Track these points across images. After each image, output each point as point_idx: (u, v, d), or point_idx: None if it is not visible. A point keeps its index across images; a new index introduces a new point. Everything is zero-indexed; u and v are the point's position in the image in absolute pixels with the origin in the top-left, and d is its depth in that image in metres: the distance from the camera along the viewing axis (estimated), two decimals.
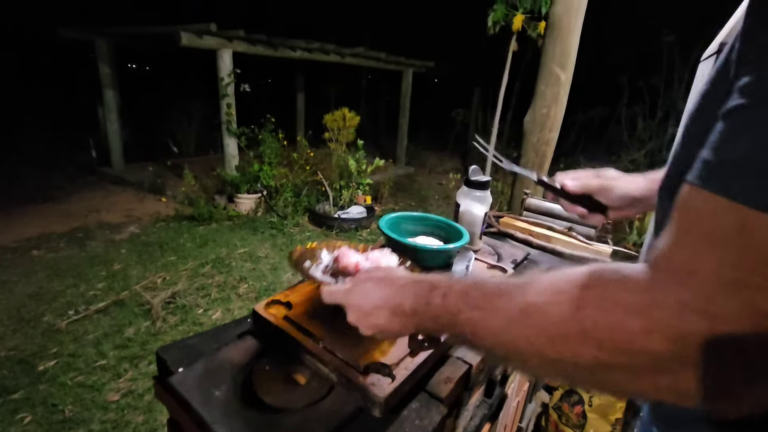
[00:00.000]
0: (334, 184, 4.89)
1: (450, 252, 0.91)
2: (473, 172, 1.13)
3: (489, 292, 0.42)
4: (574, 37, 1.82)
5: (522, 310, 0.37)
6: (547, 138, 1.94)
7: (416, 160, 8.22)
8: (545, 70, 1.87)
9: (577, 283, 0.35)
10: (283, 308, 0.70)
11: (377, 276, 0.53)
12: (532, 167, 2.04)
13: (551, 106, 1.88)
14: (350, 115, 5.23)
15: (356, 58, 6.57)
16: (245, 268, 3.56)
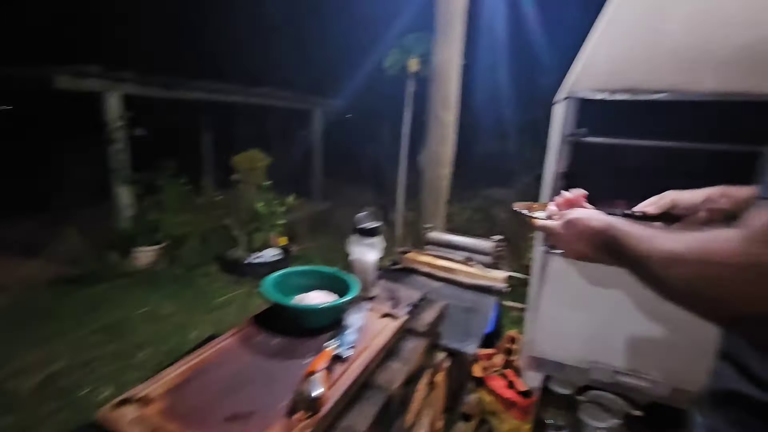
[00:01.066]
0: (246, 228, 4.66)
1: (338, 307, 0.89)
2: (361, 219, 1.14)
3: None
4: (454, 83, 1.98)
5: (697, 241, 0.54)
6: (441, 174, 2.05)
7: (333, 194, 8.23)
8: (432, 113, 2.00)
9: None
10: (137, 406, 0.61)
11: (581, 217, 0.73)
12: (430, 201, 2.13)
13: (440, 145, 2.00)
14: (259, 155, 5.10)
15: (263, 98, 6.51)
16: (145, 332, 3.18)
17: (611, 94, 1.36)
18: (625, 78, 1.35)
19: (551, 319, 1.64)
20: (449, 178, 2.13)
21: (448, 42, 1.97)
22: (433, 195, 2.12)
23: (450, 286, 1.82)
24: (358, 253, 1.13)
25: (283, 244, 4.87)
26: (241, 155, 4.99)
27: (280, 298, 0.87)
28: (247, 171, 4.97)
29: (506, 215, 5.55)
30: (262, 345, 0.82)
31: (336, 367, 0.76)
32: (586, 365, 1.59)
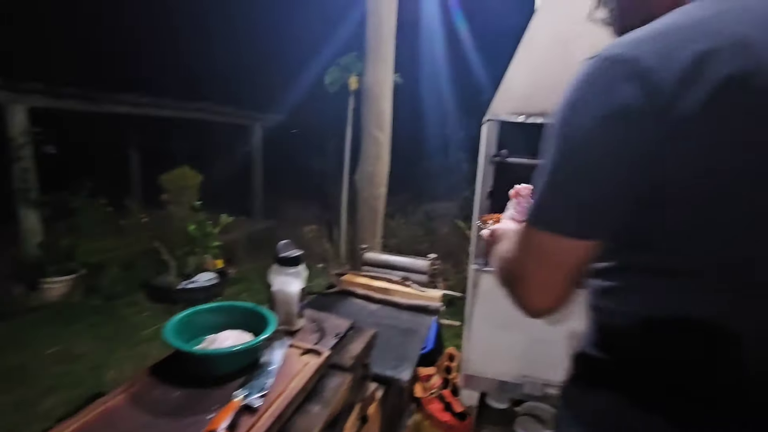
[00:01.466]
0: (177, 252, 4.35)
1: (251, 348, 0.82)
2: (283, 248, 1.08)
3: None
4: (386, 102, 1.99)
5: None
6: (377, 193, 2.04)
7: (275, 212, 7.98)
8: (365, 132, 1.99)
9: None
10: None
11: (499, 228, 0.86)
12: (366, 221, 2.11)
13: (375, 164, 1.99)
14: (191, 173, 4.82)
15: (199, 112, 6.20)
16: (54, 374, 2.81)
17: (527, 118, 1.43)
18: (539, 102, 1.42)
19: (484, 337, 1.66)
20: (385, 197, 2.13)
21: (379, 62, 1.98)
22: (369, 214, 2.10)
23: (387, 307, 1.80)
24: (279, 283, 1.06)
25: (219, 266, 4.60)
26: (171, 173, 4.69)
27: (181, 344, 0.78)
28: (178, 190, 4.67)
29: (448, 229, 5.70)
30: (160, 401, 0.72)
31: (244, 420, 0.69)
32: (519, 380, 1.62)
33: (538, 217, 0.57)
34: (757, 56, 0.46)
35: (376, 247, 2.18)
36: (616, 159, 0.51)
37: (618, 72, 0.49)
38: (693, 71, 0.46)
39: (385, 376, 1.28)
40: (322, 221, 7.25)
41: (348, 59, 5.07)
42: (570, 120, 0.53)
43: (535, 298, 0.59)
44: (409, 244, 5.78)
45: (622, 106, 0.48)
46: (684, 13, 0.53)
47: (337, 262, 5.54)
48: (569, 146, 0.53)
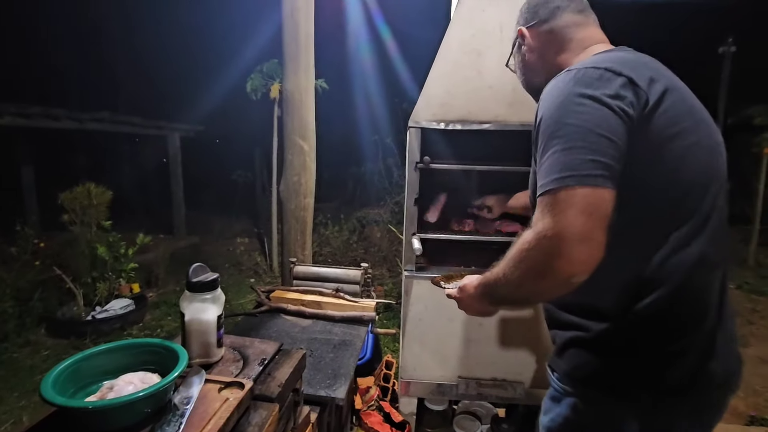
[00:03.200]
0: (84, 278, 3.87)
1: (154, 394, 0.72)
2: (196, 272, 0.98)
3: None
4: (309, 110, 1.93)
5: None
6: (304, 204, 1.97)
7: (200, 227, 7.47)
8: (289, 141, 1.92)
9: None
10: None
11: (467, 283, 0.95)
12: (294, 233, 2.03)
13: (301, 173, 1.93)
14: (97, 190, 4.32)
15: (102, 123, 5.61)
16: None
17: (447, 125, 1.47)
18: (457, 110, 1.47)
19: (419, 342, 1.66)
20: (313, 207, 2.06)
21: (299, 70, 1.92)
22: (297, 226, 2.02)
23: (320, 321, 1.73)
24: (193, 311, 0.96)
25: (135, 291, 4.18)
26: (73, 191, 4.17)
27: (64, 400, 0.66)
28: (83, 209, 4.16)
29: (381, 234, 5.74)
30: None
31: None
32: (454, 381, 1.65)
33: (578, 178, 0.67)
34: (666, 79, 0.79)
35: (306, 259, 2.11)
36: (621, 124, 0.71)
37: (611, 75, 0.74)
38: (650, 83, 0.75)
39: (319, 396, 1.22)
40: (253, 234, 6.93)
41: (270, 66, 4.91)
42: (581, 101, 0.71)
43: (584, 253, 0.66)
44: (343, 252, 5.72)
45: (618, 93, 0.72)
46: (617, 54, 0.85)
47: (271, 275, 5.32)
48: (589, 117, 0.70)
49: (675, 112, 0.75)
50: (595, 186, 0.67)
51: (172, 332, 3.74)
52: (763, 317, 3.95)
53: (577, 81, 0.74)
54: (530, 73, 1.02)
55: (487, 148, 1.57)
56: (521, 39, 1.01)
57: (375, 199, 6.53)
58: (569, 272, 0.67)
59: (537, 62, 1.00)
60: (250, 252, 5.92)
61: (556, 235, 0.66)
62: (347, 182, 7.78)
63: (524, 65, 1.03)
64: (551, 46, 0.97)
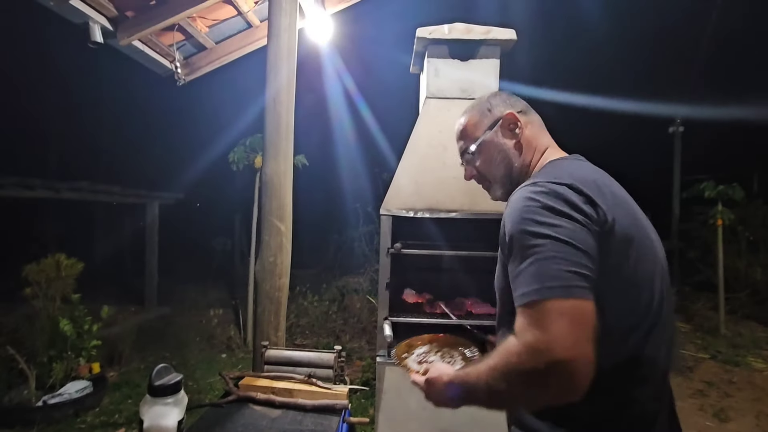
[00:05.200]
0: (40, 358, 3.61)
1: None
2: (159, 374, 0.96)
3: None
4: (287, 193, 2.02)
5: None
6: (279, 284, 1.98)
7: (172, 297, 7.19)
8: (266, 222, 1.97)
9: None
10: None
11: (436, 377, 0.90)
12: (268, 314, 2.01)
13: (277, 254, 1.96)
14: (68, 261, 4.20)
15: (79, 192, 5.59)
16: None
17: (416, 213, 1.56)
18: (425, 199, 1.57)
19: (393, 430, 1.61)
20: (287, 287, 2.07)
21: (279, 156, 2.04)
22: (271, 307, 2.01)
23: (290, 412, 1.66)
24: (153, 417, 0.93)
25: (95, 371, 3.89)
26: (40, 263, 4.03)
27: None
28: (48, 281, 4.00)
29: (361, 304, 5.66)
30: None
31: None
32: None
33: (565, 289, 0.68)
34: (613, 193, 0.84)
35: (279, 341, 2.07)
36: (591, 238, 0.74)
37: (573, 193, 0.78)
38: (604, 200, 0.79)
39: None
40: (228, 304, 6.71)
41: (254, 140, 5.12)
42: (553, 216, 0.75)
43: (580, 368, 0.65)
44: (321, 323, 5.57)
45: (583, 210, 0.76)
46: (571, 165, 0.92)
47: (244, 350, 5.08)
48: (563, 230, 0.73)
49: (625, 223, 0.79)
50: (582, 298, 0.68)
51: (131, 418, 3.45)
52: (741, 389, 3.94)
53: (545, 195, 0.77)
54: (514, 159, 1.00)
55: (456, 232, 1.66)
56: (512, 124, 1.00)
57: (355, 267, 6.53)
58: (567, 388, 0.66)
59: (522, 149, 1.00)
60: (223, 324, 5.69)
61: (549, 349, 0.65)
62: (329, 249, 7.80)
63: (509, 151, 1.00)
64: (529, 140, 1.00)
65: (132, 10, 2.52)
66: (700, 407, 3.59)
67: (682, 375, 4.22)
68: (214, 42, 3.10)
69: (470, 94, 1.83)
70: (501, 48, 1.92)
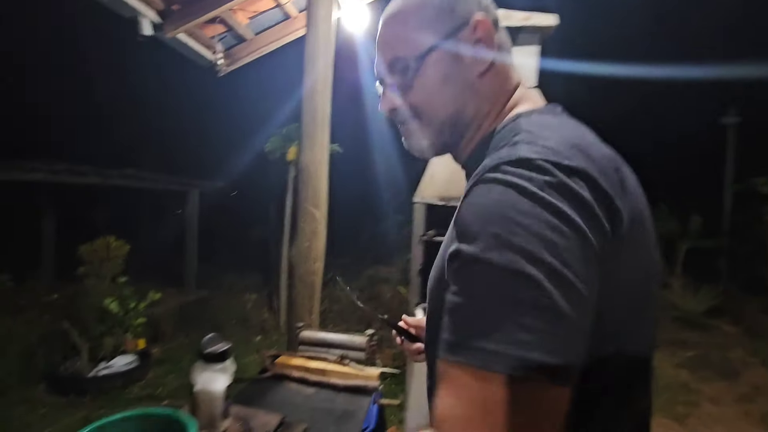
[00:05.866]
0: (91, 332, 3.90)
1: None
2: (209, 342, 1.03)
3: None
4: (323, 181, 2.07)
5: None
6: (313, 269, 2.04)
7: (211, 281, 7.52)
8: (301, 209, 2.03)
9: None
10: None
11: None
12: (302, 297, 2.08)
13: (311, 240, 2.01)
14: (117, 243, 4.48)
15: (127, 179, 5.92)
16: None
17: (448, 202, 1.57)
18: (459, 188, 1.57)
19: (424, 416, 1.63)
20: (322, 271, 2.13)
21: (314, 146, 2.09)
22: (305, 291, 2.08)
23: (324, 390, 1.73)
24: (203, 382, 1.00)
25: (140, 347, 4.16)
26: (92, 243, 4.33)
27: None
28: (100, 262, 4.29)
29: (391, 294, 5.71)
30: None
31: None
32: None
33: (547, 368, 0.39)
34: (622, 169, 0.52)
35: (313, 323, 2.13)
36: (595, 261, 0.44)
37: (589, 187, 0.46)
38: (621, 189, 0.48)
39: None
40: (263, 289, 6.95)
41: (290, 129, 5.25)
42: (553, 220, 0.42)
43: None
44: (352, 311, 5.67)
45: (596, 218, 0.46)
46: (565, 129, 0.53)
47: (277, 333, 5.26)
48: (567, 254, 0.42)
49: (636, 223, 0.50)
50: (562, 386, 0.41)
51: (173, 392, 3.67)
52: None
53: (552, 190, 0.43)
54: (469, 98, 0.61)
55: None
56: (485, 37, 0.60)
57: (387, 257, 6.59)
58: None
59: (487, 85, 0.61)
60: (258, 308, 5.91)
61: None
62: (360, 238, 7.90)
63: (468, 83, 0.61)
64: (500, 74, 0.63)
65: (178, 4, 2.62)
66: (746, 412, 3.43)
67: (728, 379, 4.02)
68: (253, 33, 3.18)
69: None
70: (541, 34, 1.87)
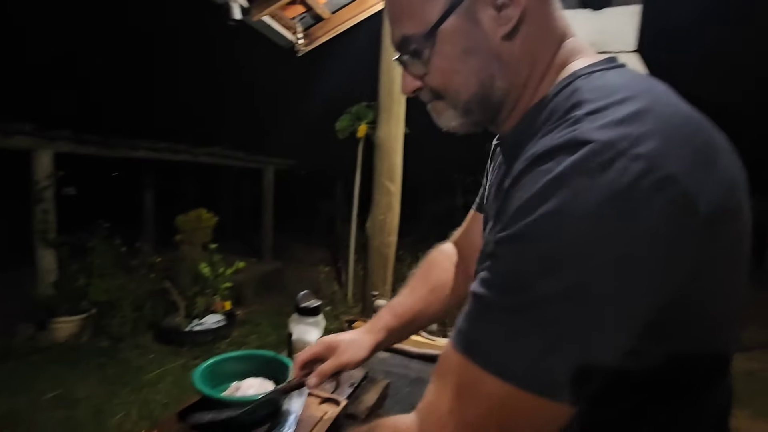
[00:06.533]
0: (187, 292, 4.38)
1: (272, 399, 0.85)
2: (303, 298, 1.13)
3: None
4: (398, 155, 2.10)
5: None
6: (387, 241, 2.10)
7: (284, 253, 8.04)
8: (377, 182, 2.09)
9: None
10: None
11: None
12: (377, 268, 2.16)
13: (386, 213, 2.07)
14: (207, 215, 4.95)
15: (212, 157, 6.45)
16: (54, 420, 2.76)
17: None
18: None
19: None
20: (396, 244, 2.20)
21: (391, 120, 2.12)
22: (380, 261, 2.16)
23: (397, 355, 1.80)
24: (299, 333, 1.11)
25: (227, 308, 4.60)
26: (187, 214, 4.82)
27: (210, 391, 0.82)
28: (192, 231, 4.78)
29: None
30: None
31: None
32: None
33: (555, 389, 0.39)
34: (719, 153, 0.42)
35: (386, 293, 2.22)
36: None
37: (691, 197, 0.37)
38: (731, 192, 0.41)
39: None
40: (330, 264, 7.30)
41: (359, 108, 5.33)
42: (642, 251, 0.37)
43: None
44: None
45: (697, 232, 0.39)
46: (651, 97, 0.41)
47: (345, 305, 5.52)
48: (630, 289, 0.37)
49: (734, 208, 0.41)
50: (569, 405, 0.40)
51: None
52: None
53: (654, 196, 0.36)
54: (498, 69, 0.52)
55: None
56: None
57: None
58: None
59: (518, 50, 0.51)
60: (328, 280, 6.23)
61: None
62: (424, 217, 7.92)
63: (491, 52, 0.51)
64: (538, 30, 0.51)
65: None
66: None
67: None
68: (330, 12, 3.25)
69: (600, 48, 1.67)
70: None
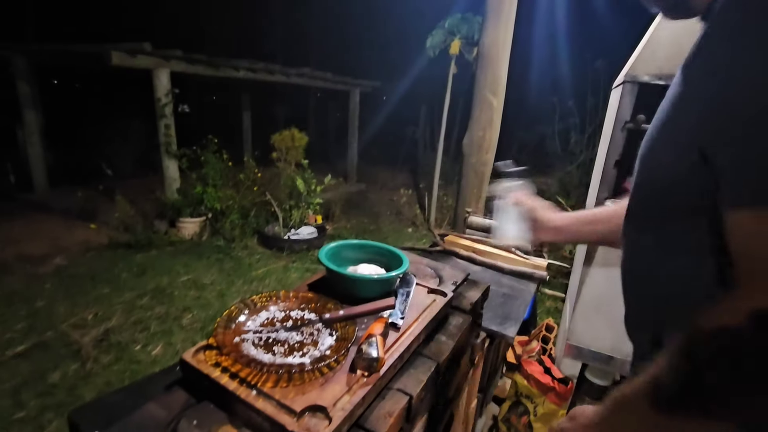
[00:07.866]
0: (284, 205, 4.80)
1: (390, 280, 0.93)
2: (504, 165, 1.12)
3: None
4: (503, 66, 1.94)
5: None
6: (485, 159, 2.04)
7: (367, 176, 8.28)
8: (478, 96, 1.97)
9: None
10: (214, 353, 0.68)
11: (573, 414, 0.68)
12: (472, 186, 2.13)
13: (486, 129, 1.98)
14: (299, 135, 5.19)
15: (302, 78, 6.57)
16: (189, 297, 3.38)
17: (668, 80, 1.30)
18: None
19: (592, 309, 1.62)
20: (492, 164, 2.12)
21: (499, 23, 1.92)
22: (474, 179, 2.11)
23: (489, 270, 1.83)
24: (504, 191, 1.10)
25: (318, 222, 4.99)
26: (281, 134, 5.11)
27: (338, 266, 0.92)
28: (287, 149, 5.09)
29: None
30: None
31: (390, 333, 0.80)
32: (623, 357, 1.57)
33: None
34: None
35: (479, 211, 2.20)
36: None
37: None
38: None
39: (492, 330, 1.34)
40: (413, 187, 7.39)
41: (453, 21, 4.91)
42: None
43: None
44: None
45: None
46: None
47: (426, 228, 5.66)
48: None
49: None
50: None
51: None
52: None
53: None
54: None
55: None
56: None
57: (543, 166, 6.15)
58: None
59: None
60: (410, 204, 6.36)
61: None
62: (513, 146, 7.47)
63: None
64: None
65: None
66: None
67: None
68: None
69: None
70: None
